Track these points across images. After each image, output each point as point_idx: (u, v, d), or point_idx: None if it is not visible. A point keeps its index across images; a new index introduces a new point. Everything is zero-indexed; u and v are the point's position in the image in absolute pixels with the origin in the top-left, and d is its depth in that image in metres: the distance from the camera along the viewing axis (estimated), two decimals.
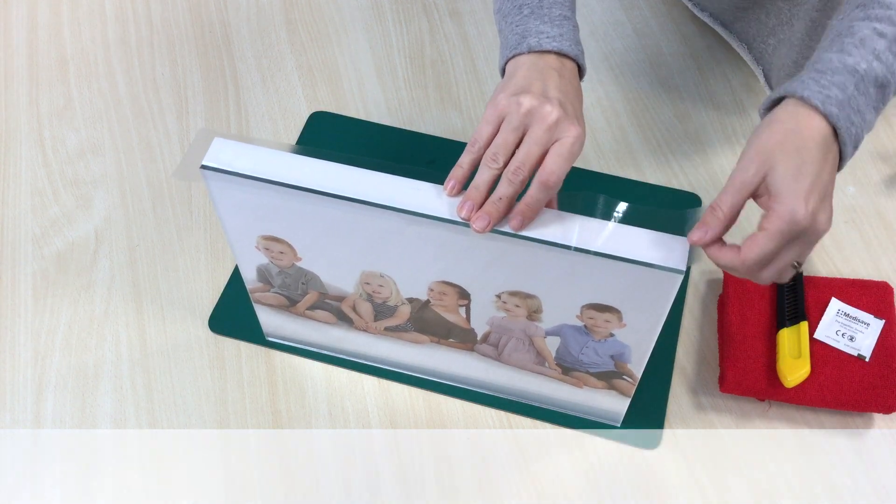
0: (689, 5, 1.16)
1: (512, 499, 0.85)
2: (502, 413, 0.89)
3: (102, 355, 0.93)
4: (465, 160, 0.68)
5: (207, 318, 0.95)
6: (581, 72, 0.74)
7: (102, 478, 0.87)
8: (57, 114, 1.12)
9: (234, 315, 0.95)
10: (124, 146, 1.09)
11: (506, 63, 0.73)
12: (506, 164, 0.67)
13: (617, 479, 0.85)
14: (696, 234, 0.64)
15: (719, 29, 1.13)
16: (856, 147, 0.65)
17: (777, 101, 0.67)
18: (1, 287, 0.98)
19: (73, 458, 0.88)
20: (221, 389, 0.91)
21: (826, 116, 0.63)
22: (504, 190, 0.66)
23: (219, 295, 0.97)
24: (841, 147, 0.64)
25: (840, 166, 0.66)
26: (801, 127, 0.63)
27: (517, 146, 0.67)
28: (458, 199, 0.67)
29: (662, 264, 0.64)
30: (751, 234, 0.64)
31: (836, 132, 0.64)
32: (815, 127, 0.63)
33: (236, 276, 0.98)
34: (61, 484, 0.86)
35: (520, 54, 0.71)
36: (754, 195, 0.65)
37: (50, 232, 1.02)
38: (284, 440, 0.88)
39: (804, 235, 0.63)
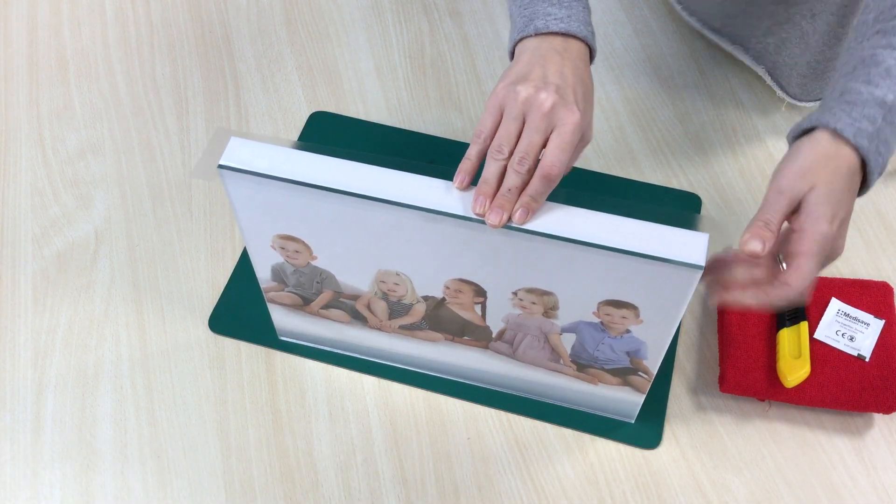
0: (678, 8, 1.16)
1: (512, 499, 0.85)
2: (502, 413, 0.89)
3: (102, 355, 0.93)
4: (472, 152, 0.69)
5: (207, 318, 0.95)
6: (592, 54, 0.74)
7: (102, 478, 0.87)
8: (57, 114, 1.12)
9: (234, 315, 0.95)
10: (124, 146, 1.09)
11: (513, 47, 0.73)
12: (511, 154, 0.67)
13: (617, 479, 0.85)
14: (756, 246, 0.64)
15: (708, 33, 1.13)
16: (881, 174, 0.67)
17: (807, 130, 0.68)
18: (1, 287, 0.98)
19: (73, 458, 0.88)
20: (221, 389, 0.91)
21: (857, 148, 0.65)
22: (512, 181, 0.66)
23: (219, 295, 0.97)
24: (867, 176, 0.67)
25: (862, 192, 0.68)
26: (836, 154, 0.65)
27: (520, 135, 0.67)
28: (472, 195, 0.67)
29: (681, 260, 0.64)
30: (790, 263, 0.64)
31: (863, 162, 0.66)
32: (847, 157, 0.65)
33: (236, 276, 0.98)
34: (61, 484, 0.86)
35: (526, 37, 0.72)
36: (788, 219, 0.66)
37: (50, 232, 1.02)
38: (284, 440, 0.88)
39: (830, 256, 0.66)
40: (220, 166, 0.69)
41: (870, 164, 0.66)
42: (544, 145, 0.68)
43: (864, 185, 0.68)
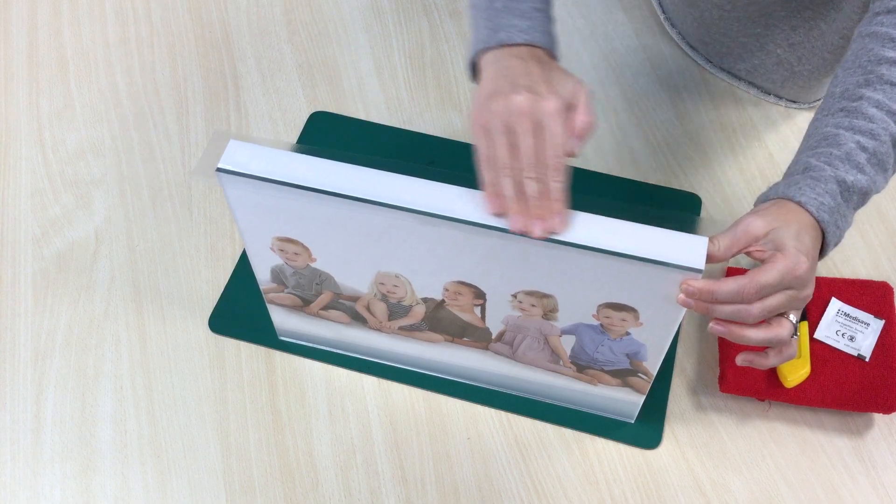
0: (661, 18, 1.17)
1: (512, 499, 0.85)
2: (502, 413, 0.89)
3: (102, 355, 0.93)
4: (486, 179, 0.68)
5: (207, 318, 0.95)
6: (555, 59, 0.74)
7: (102, 478, 0.87)
8: (57, 114, 1.12)
9: (234, 315, 0.95)
10: (124, 146, 1.09)
11: (476, 57, 0.74)
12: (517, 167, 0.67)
13: (617, 479, 0.85)
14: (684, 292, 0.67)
15: (686, 48, 1.15)
16: (836, 245, 0.72)
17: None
18: (1, 287, 0.98)
19: (73, 458, 0.88)
20: (221, 389, 0.91)
21: (819, 221, 0.69)
22: (533, 188, 0.66)
23: (219, 295, 0.97)
24: (824, 247, 0.71)
25: (819, 257, 0.71)
26: (798, 217, 0.69)
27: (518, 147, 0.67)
28: (469, 196, 0.67)
29: (681, 263, 0.64)
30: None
31: (823, 233, 0.70)
32: (809, 222, 0.69)
33: (236, 276, 0.98)
34: (61, 484, 0.86)
35: (489, 49, 0.72)
36: (751, 249, 0.69)
37: (50, 232, 1.02)
38: (284, 440, 0.88)
39: (794, 287, 0.68)
40: (219, 169, 0.69)
41: (828, 238, 0.70)
42: (544, 145, 0.67)
43: (819, 257, 0.71)
